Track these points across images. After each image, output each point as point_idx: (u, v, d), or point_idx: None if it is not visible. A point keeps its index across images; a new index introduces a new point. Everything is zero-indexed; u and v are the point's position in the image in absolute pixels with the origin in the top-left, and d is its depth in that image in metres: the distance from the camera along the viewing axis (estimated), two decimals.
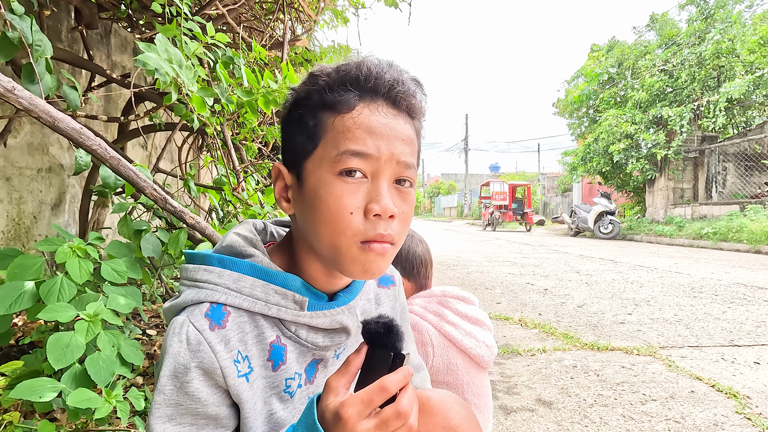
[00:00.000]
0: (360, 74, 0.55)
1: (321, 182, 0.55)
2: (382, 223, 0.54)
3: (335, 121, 0.55)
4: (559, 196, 23.71)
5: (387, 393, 0.47)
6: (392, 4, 3.51)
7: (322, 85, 0.56)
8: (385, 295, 0.77)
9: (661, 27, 13.06)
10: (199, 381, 0.54)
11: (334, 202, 0.54)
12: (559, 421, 1.63)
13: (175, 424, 0.54)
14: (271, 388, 0.61)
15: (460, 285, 4.42)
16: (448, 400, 0.65)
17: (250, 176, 2.27)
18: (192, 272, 0.60)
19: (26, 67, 1.14)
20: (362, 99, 0.55)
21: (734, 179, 10.76)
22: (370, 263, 0.55)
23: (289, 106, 0.60)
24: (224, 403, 0.57)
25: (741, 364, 2.22)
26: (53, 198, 2.37)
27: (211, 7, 2.12)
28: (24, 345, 1.55)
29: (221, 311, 0.57)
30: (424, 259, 1.29)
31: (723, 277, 4.78)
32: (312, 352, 0.64)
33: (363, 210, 0.54)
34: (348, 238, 0.54)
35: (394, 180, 0.56)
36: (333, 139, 0.54)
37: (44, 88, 1.16)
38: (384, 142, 0.54)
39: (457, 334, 1.17)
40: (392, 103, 0.56)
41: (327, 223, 0.54)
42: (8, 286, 1.01)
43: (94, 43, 2.67)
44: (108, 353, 1.02)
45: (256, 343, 0.59)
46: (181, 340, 0.54)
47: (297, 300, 0.60)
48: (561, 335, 2.68)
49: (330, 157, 0.54)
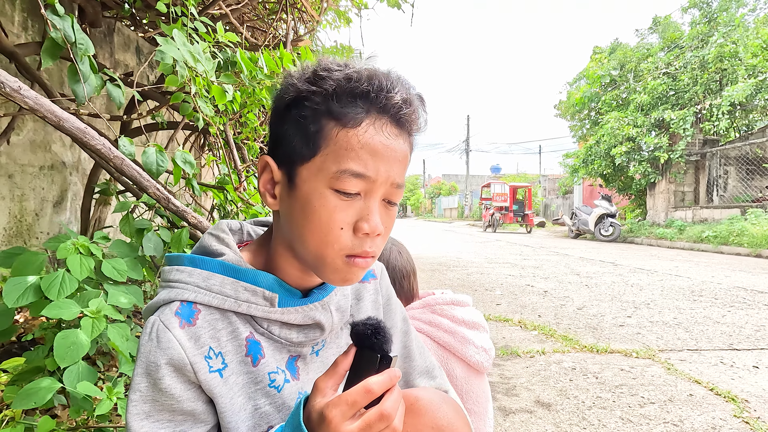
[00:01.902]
0: (371, 89, 0.54)
1: (315, 193, 0.55)
2: (368, 240, 0.56)
3: (339, 134, 0.54)
4: (560, 198, 23.71)
5: (371, 394, 0.48)
6: (395, 5, 3.51)
7: (328, 90, 0.54)
8: (365, 290, 0.76)
9: (664, 30, 13.06)
10: (170, 377, 0.55)
11: (327, 215, 0.54)
12: (557, 422, 1.64)
13: (153, 420, 0.55)
14: (254, 383, 0.61)
15: (461, 286, 4.43)
16: (436, 400, 0.65)
17: (252, 175, 2.28)
18: (167, 273, 0.62)
19: (71, 67, 1.12)
20: (368, 114, 0.54)
21: (735, 183, 10.75)
22: (351, 274, 0.57)
23: (287, 101, 0.57)
24: (199, 398, 0.58)
25: (740, 367, 2.22)
26: (55, 195, 2.38)
27: (214, 7, 2.13)
28: (26, 342, 1.56)
29: (191, 309, 0.58)
30: (405, 270, 1.23)
31: (723, 281, 4.78)
32: (287, 349, 0.64)
33: (352, 227, 0.55)
34: (335, 251, 0.55)
35: (383, 199, 0.57)
36: (334, 153, 0.54)
37: (90, 87, 1.13)
38: (383, 165, 0.55)
39: (455, 343, 1.15)
40: (396, 123, 0.56)
41: (316, 233, 0.55)
42: (13, 281, 1.01)
43: (98, 42, 2.68)
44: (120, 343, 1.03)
45: (230, 340, 0.60)
46: (152, 338, 0.56)
47: (267, 296, 0.60)
48: (560, 337, 2.68)
49: (329, 170, 0.54)
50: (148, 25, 2.71)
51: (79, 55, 1.10)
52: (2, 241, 2.09)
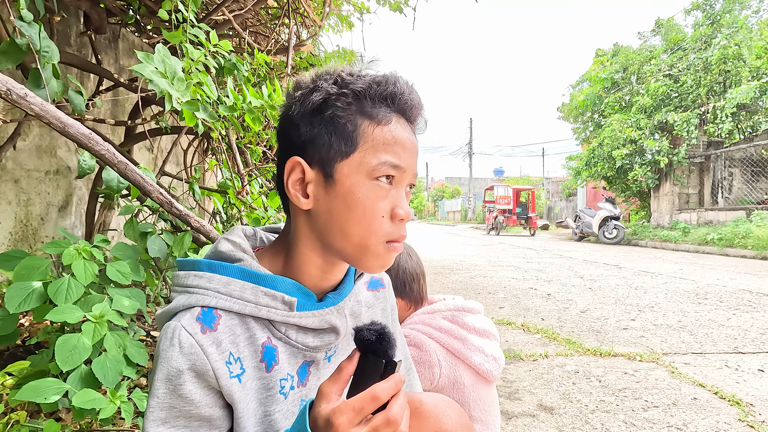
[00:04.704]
0: (397, 91, 0.61)
1: (358, 185, 0.59)
2: (403, 225, 0.62)
3: (375, 130, 0.60)
4: (563, 200, 23.64)
5: (378, 401, 0.48)
6: (397, 9, 3.53)
7: (359, 92, 0.60)
8: (375, 298, 0.79)
9: (667, 32, 13.03)
10: (192, 383, 0.56)
11: (371, 205, 0.59)
12: (560, 426, 1.63)
13: (169, 427, 0.56)
14: (266, 389, 0.62)
15: (464, 289, 4.42)
16: (440, 405, 0.66)
17: (254, 180, 2.29)
18: (183, 278, 0.62)
19: (33, 71, 1.17)
20: (394, 113, 0.62)
21: (740, 185, 10.68)
22: (389, 259, 0.62)
23: (317, 103, 0.60)
24: (217, 404, 0.59)
25: (745, 371, 2.20)
26: (60, 200, 2.40)
27: (217, 13, 2.15)
28: (30, 345, 1.57)
29: (212, 315, 0.59)
30: (415, 273, 1.23)
31: (728, 284, 4.75)
32: (303, 354, 0.65)
33: (390, 214, 0.61)
34: (378, 238, 0.60)
35: (406, 186, 0.64)
36: (373, 148, 0.59)
37: (50, 92, 1.19)
38: (410, 157, 0.62)
39: (466, 351, 1.14)
40: (411, 122, 0.64)
41: (361, 223, 0.59)
42: (16, 287, 1.03)
43: (103, 48, 2.71)
44: (114, 354, 1.04)
45: (247, 345, 0.61)
46: (173, 344, 0.56)
47: (286, 301, 0.62)
48: (563, 340, 2.67)
49: (369, 164, 0.59)
50: (153, 31, 2.74)
51: (42, 62, 1.14)
52: (8, 245, 2.11)
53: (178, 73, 1.22)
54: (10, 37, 1.10)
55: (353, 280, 0.71)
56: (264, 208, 1.92)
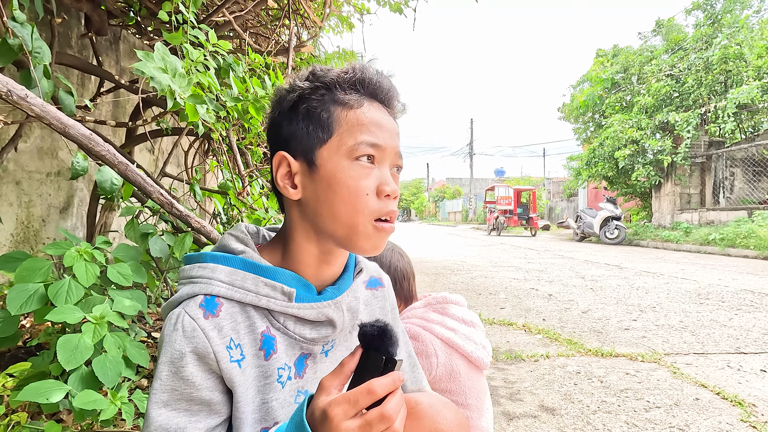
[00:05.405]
0: (365, 78, 0.65)
1: (339, 167, 0.62)
2: (390, 201, 0.63)
3: (348, 114, 0.63)
4: (564, 200, 23.60)
5: (374, 395, 0.49)
6: (397, 10, 3.54)
7: (329, 83, 0.64)
8: (373, 297, 0.80)
9: (668, 32, 13.01)
10: (193, 365, 0.58)
11: (354, 184, 0.61)
12: (562, 427, 1.63)
13: (171, 409, 0.58)
14: (265, 377, 0.64)
15: (465, 289, 4.42)
16: (436, 405, 0.66)
17: (255, 181, 2.29)
18: (188, 270, 0.65)
19: (24, 72, 1.19)
20: (365, 97, 0.65)
21: (742, 185, 10.66)
22: (380, 240, 0.64)
23: (292, 102, 0.65)
24: (217, 388, 0.60)
25: (747, 371, 2.20)
26: (62, 201, 2.41)
27: (218, 14, 2.15)
28: (31, 347, 1.57)
29: (214, 302, 0.62)
30: (406, 272, 1.28)
31: (730, 284, 4.73)
32: (300, 345, 0.67)
33: (375, 191, 0.62)
34: (365, 216, 0.61)
35: (392, 167, 0.66)
36: (348, 131, 0.62)
37: (41, 91, 1.20)
38: (388, 136, 0.64)
39: (459, 339, 1.18)
40: (386, 105, 0.67)
41: (346, 203, 0.61)
42: (18, 288, 1.03)
43: (104, 49, 2.71)
44: (114, 354, 1.04)
45: (247, 333, 0.63)
46: (177, 328, 0.59)
47: (285, 291, 0.64)
48: (565, 341, 2.67)
49: (347, 145, 0.62)
50: (153, 32, 2.74)
51: (34, 63, 1.15)
52: (10, 246, 2.12)
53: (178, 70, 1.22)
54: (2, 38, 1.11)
55: (353, 277, 0.73)
56: (265, 209, 1.92)
